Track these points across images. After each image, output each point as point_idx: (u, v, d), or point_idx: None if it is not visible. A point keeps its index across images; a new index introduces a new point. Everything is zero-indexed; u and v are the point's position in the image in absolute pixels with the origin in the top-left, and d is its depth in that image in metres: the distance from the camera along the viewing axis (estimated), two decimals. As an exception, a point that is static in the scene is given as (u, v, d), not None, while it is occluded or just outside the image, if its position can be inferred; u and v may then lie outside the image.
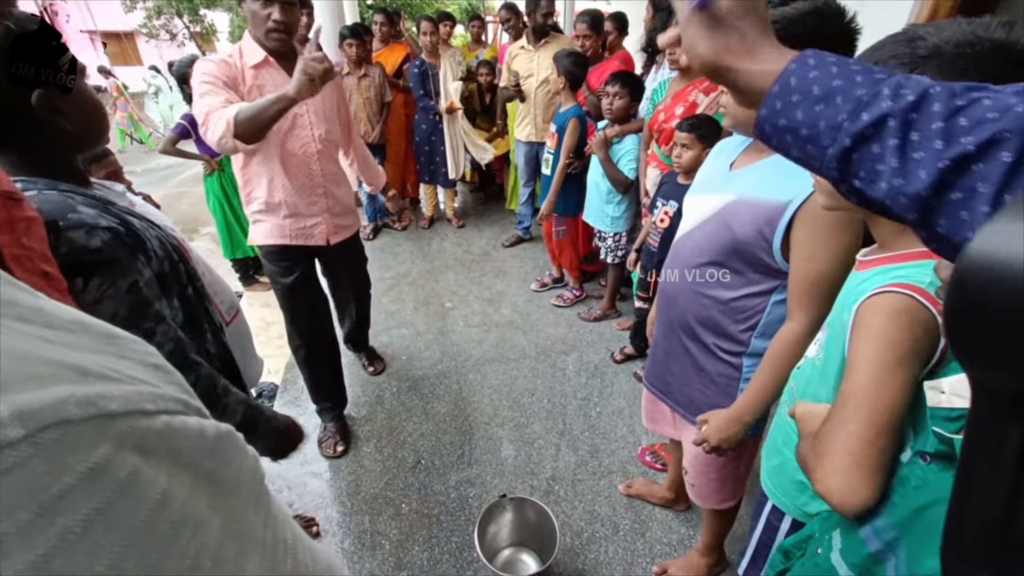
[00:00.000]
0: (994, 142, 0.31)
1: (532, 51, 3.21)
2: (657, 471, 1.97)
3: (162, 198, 5.97)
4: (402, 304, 3.16)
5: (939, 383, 0.53)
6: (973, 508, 0.29)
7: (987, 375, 0.27)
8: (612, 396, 2.39)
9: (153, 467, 0.25)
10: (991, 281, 0.24)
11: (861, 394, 0.61)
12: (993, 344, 0.25)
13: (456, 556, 1.65)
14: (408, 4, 14.33)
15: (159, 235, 0.89)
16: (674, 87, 2.17)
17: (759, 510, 1.02)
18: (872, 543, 0.57)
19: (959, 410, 0.51)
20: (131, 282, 0.78)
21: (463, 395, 2.39)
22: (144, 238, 0.83)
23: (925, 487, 0.53)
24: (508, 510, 1.60)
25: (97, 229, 0.74)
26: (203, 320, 0.95)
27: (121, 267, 0.77)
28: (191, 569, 0.26)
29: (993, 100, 0.33)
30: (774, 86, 0.41)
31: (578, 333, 2.88)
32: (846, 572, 0.60)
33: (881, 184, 0.36)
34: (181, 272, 0.91)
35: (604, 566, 1.63)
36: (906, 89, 0.36)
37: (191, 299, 0.93)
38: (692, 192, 1.21)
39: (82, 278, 0.73)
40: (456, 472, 1.97)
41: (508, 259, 3.75)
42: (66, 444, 0.22)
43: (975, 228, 0.32)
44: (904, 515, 0.54)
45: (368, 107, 3.52)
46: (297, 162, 1.66)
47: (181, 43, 15.20)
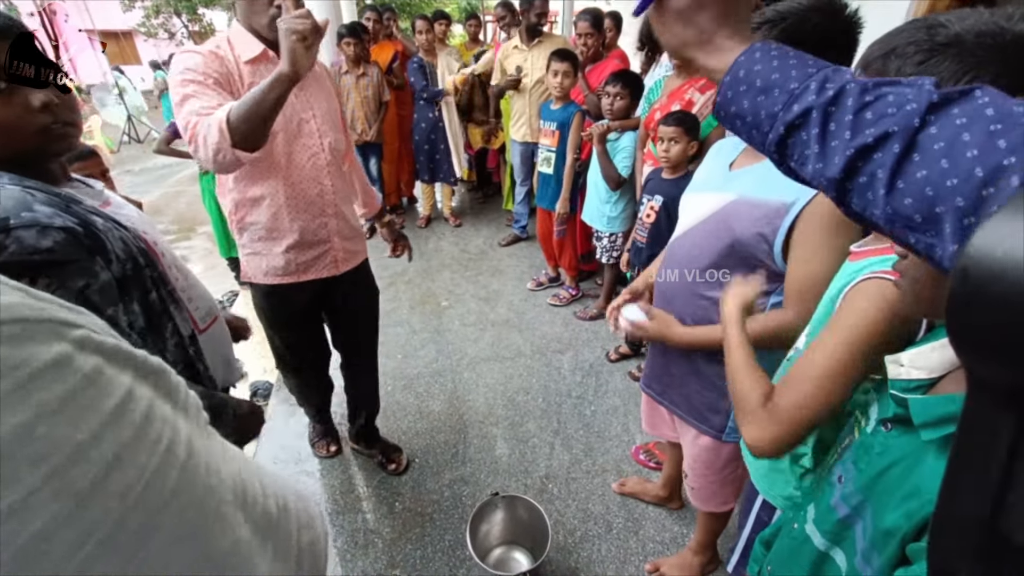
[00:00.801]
0: (888, 135, 0.37)
1: (526, 50, 3.21)
2: (651, 469, 1.97)
3: (159, 197, 6.00)
4: (398, 303, 3.16)
5: (898, 357, 0.56)
6: (961, 502, 0.29)
7: (984, 368, 0.27)
8: (607, 395, 2.39)
9: (116, 369, 0.30)
10: (993, 276, 0.25)
11: (822, 368, 0.66)
12: (993, 337, 0.26)
13: (449, 554, 1.65)
14: (407, 3, 14.33)
15: (124, 236, 0.86)
16: (670, 85, 2.18)
17: (748, 507, 1.02)
18: (841, 509, 0.59)
19: (916, 381, 0.54)
20: (82, 284, 0.76)
21: (458, 394, 2.39)
22: (105, 239, 0.81)
23: (886, 452, 0.55)
24: (500, 508, 1.60)
25: (50, 229, 0.72)
26: (165, 327, 0.92)
27: (72, 268, 0.75)
28: (167, 451, 0.30)
29: (895, 96, 0.38)
30: (726, 76, 0.47)
31: (573, 332, 2.88)
32: (820, 539, 0.63)
33: (808, 167, 0.42)
34: (145, 277, 0.88)
35: (597, 564, 1.63)
36: (830, 83, 0.40)
37: (154, 304, 0.89)
38: (691, 191, 1.20)
39: (28, 278, 0.71)
40: (450, 470, 1.97)
41: (504, 258, 3.75)
42: (26, 337, 0.25)
43: (879, 207, 0.38)
44: (868, 479, 0.56)
45: (366, 106, 3.52)
46: (306, 177, 1.39)
47: (180, 42, 15.18)
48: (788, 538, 0.70)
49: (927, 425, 0.49)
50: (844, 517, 0.59)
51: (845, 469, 0.61)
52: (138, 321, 0.87)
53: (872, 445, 0.57)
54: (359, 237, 1.64)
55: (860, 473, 0.58)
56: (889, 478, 0.53)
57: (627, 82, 2.40)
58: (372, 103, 3.54)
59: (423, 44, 3.58)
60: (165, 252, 0.97)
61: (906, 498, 0.50)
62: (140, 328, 0.87)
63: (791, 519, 0.71)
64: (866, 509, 0.55)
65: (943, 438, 0.48)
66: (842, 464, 0.62)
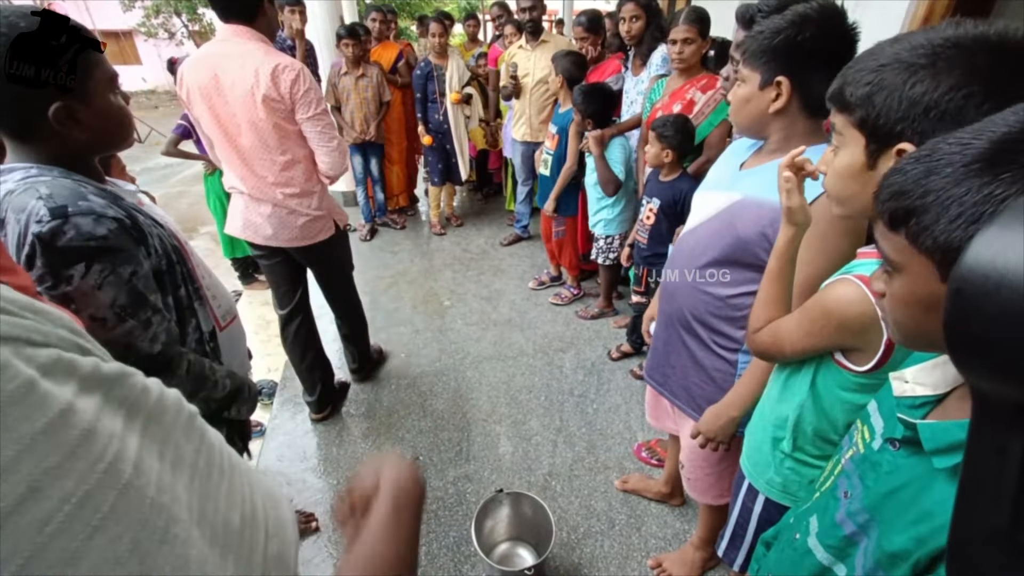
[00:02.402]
0: None
1: (529, 50, 3.22)
2: (653, 467, 1.99)
3: (161, 197, 5.99)
4: (401, 302, 3.18)
5: (902, 374, 0.57)
6: (977, 517, 0.29)
7: (987, 384, 0.27)
8: (609, 393, 2.41)
9: (54, 383, 0.27)
10: (988, 290, 0.24)
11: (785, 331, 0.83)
12: (992, 353, 0.25)
13: (454, 551, 1.67)
14: (407, 3, 14.32)
15: (160, 234, 0.91)
16: (672, 85, 2.19)
17: (736, 491, 1.04)
18: (847, 526, 0.59)
19: (922, 398, 0.54)
20: (132, 271, 0.81)
21: (461, 392, 2.41)
22: (147, 234, 0.86)
23: (895, 472, 0.55)
24: (505, 505, 1.62)
25: (104, 218, 0.77)
26: (189, 323, 0.96)
27: (124, 256, 0.79)
28: (106, 472, 0.27)
29: None
30: None
31: (575, 331, 2.89)
32: (823, 554, 0.63)
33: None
34: (177, 273, 0.93)
35: (600, 560, 1.65)
36: None
37: (182, 300, 0.94)
38: (702, 189, 1.22)
39: (84, 263, 0.75)
40: (454, 468, 1.98)
41: (506, 257, 3.77)
42: None
43: None
44: (876, 499, 0.56)
45: (365, 107, 3.53)
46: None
47: (179, 42, 15.17)
48: (789, 548, 0.70)
49: (939, 452, 0.49)
50: (850, 534, 0.58)
51: (851, 485, 0.61)
52: (171, 315, 0.91)
53: (880, 463, 0.57)
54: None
55: (868, 491, 0.57)
56: (898, 499, 0.53)
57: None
58: (372, 104, 3.55)
59: (435, 47, 3.56)
60: (192, 251, 1.02)
61: (916, 522, 0.49)
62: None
63: (792, 527, 0.71)
64: (873, 528, 0.55)
65: (955, 466, 0.47)
66: (847, 478, 0.62)
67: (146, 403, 0.34)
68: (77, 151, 0.82)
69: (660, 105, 2.19)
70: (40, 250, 0.73)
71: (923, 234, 0.43)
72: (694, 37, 2.02)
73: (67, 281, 0.75)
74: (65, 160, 0.81)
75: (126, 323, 0.80)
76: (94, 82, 0.79)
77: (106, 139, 0.85)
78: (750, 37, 0.97)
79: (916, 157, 0.45)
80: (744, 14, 1.05)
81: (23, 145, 0.79)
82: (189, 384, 0.89)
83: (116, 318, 0.79)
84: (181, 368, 0.88)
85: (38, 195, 0.74)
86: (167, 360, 0.86)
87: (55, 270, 0.74)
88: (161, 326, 0.84)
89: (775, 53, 0.94)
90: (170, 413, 0.36)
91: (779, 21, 0.92)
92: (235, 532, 0.38)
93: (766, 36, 0.94)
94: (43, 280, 0.74)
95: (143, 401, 0.34)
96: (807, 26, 0.90)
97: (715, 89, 2.01)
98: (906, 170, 0.45)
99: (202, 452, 0.37)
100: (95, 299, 0.77)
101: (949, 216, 0.41)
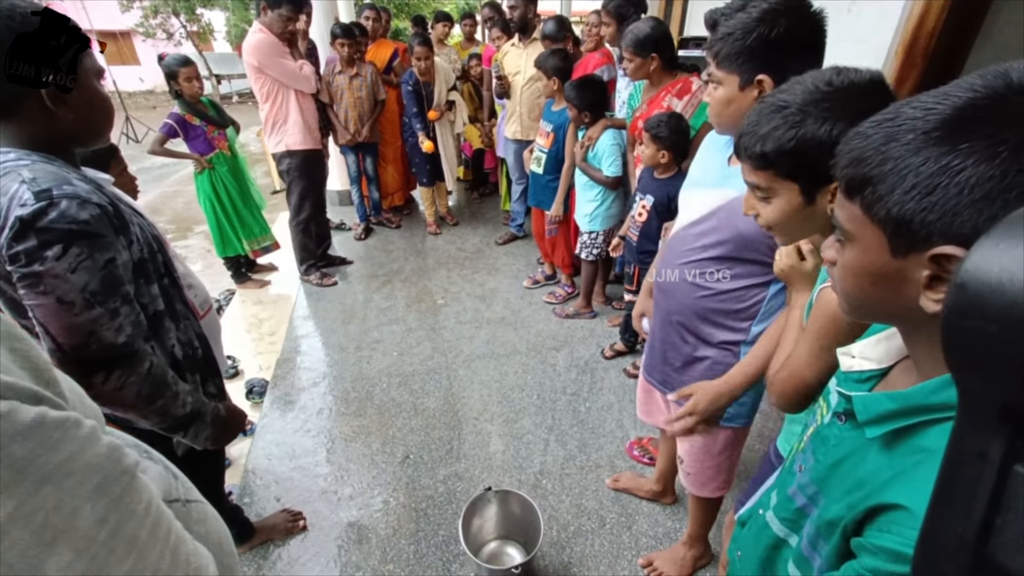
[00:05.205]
0: None
1: (521, 48, 3.21)
2: (645, 465, 1.98)
3: (157, 197, 5.99)
4: (394, 301, 3.17)
5: (849, 349, 0.57)
6: (946, 524, 0.29)
7: (977, 383, 0.27)
8: (601, 392, 2.39)
9: None
10: (991, 290, 0.25)
11: (799, 359, 0.80)
12: (988, 352, 0.25)
13: (442, 549, 1.66)
14: (405, 3, 14.33)
15: (141, 223, 0.92)
16: (647, 94, 2.19)
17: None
18: (798, 499, 0.60)
19: (868, 372, 0.54)
20: (108, 258, 0.80)
21: (453, 391, 2.39)
22: (129, 222, 0.86)
23: (840, 444, 0.55)
24: (493, 503, 1.60)
25: (89, 203, 0.78)
26: (177, 309, 0.98)
27: (103, 243, 0.79)
28: None
29: None
30: None
31: (569, 329, 2.88)
32: (778, 526, 0.63)
33: None
34: (159, 262, 0.94)
35: (590, 559, 1.64)
36: None
37: (168, 288, 0.96)
38: (688, 187, 1.21)
39: (62, 245, 0.75)
40: (444, 467, 1.97)
41: (501, 256, 3.76)
42: None
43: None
44: (822, 471, 0.56)
45: (359, 106, 3.51)
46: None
47: (178, 42, 15.14)
48: (754, 524, 0.71)
49: (870, 423, 0.49)
50: (801, 506, 0.59)
51: (805, 459, 0.61)
52: (155, 304, 0.92)
53: (829, 437, 0.57)
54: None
55: (817, 464, 0.58)
56: (841, 471, 0.53)
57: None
58: (366, 103, 3.53)
59: (420, 69, 3.47)
60: (168, 241, 1.03)
61: (850, 490, 0.49)
62: (157, 311, 0.92)
63: (760, 503, 0.72)
64: (819, 499, 0.56)
65: (885, 435, 0.48)
66: (803, 454, 0.63)
67: (47, 464, 0.31)
68: (58, 136, 0.83)
69: (640, 114, 2.17)
70: (20, 230, 0.73)
71: (877, 204, 0.42)
72: (631, 57, 2.05)
73: (40, 261, 0.74)
74: (46, 146, 0.82)
75: (93, 310, 0.79)
76: (84, 68, 0.81)
77: (88, 127, 0.86)
78: (720, 40, 0.97)
79: (878, 120, 0.43)
80: (709, 18, 1.06)
81: (5, 124, 0.79)
82: (148, 386, 0.87)
83: (85, 303, 0.78)
84: (142, 366, 0.86)
85: (21, 179, 0.74)
86: (130, 353, 0.85)
87: (29, 249, 0.74)
88: (128, 318, 0.84)
89: (751, 53, 0.94)
90: (77, 476, 0.32)
91: (748, 20, 0.92)
92: None
93: (737, 37, 0.94)
94: (15, 259, 0.74)
95: (46, 461, 0.31)
96: (778, 21, 0.90)
97: (691, 93, 2.01)
98: (867, 134, 0.43)
99: (108, 522, 0.34)
100: (67, 282, 0.76)
101: (904, 187, 0.39)
